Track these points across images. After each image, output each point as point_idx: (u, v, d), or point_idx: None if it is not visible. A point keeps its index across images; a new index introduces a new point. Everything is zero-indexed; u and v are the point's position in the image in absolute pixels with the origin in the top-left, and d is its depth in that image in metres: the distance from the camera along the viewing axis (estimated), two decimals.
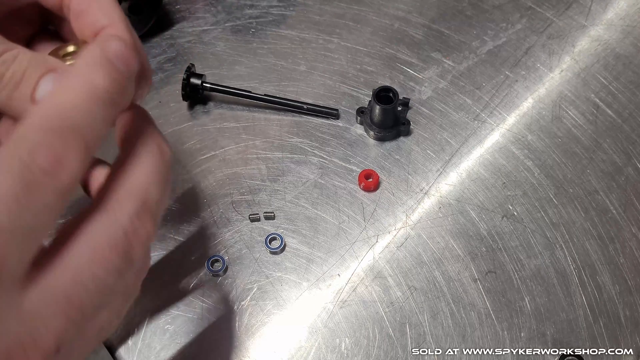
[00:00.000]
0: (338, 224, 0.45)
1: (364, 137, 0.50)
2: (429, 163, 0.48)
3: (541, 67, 0.55)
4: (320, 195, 0.46)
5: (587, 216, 0.45)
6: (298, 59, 0.56)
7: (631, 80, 0.54)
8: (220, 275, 0.42)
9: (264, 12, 0.60)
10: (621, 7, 0.60)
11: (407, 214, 0.45)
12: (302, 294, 0.42)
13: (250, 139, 0.50)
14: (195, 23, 0.59)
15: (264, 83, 0.54)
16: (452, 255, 0.43)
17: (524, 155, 0.49)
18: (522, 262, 0.43)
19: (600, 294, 0.42)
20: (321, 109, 0.51)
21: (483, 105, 0.52)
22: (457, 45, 0.57)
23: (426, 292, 0.42)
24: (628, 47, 0.57)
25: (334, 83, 0.54)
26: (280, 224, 0.45)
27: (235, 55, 0.56)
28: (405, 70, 0.55)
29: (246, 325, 0.40)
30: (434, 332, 0.40)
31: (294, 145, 0.50)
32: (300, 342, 0.40)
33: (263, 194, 0.47)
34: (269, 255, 0.43)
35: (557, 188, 0.47)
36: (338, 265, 0.43)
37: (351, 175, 0.48)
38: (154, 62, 0.56)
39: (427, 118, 0.51)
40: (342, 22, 0.59)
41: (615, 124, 0.51)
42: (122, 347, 0.39)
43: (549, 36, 0.58)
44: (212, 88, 0.51)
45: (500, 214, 0.45)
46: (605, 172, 0.48)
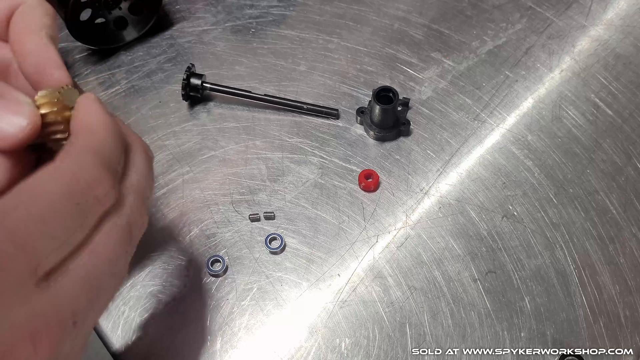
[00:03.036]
0: (338, 224, 0.45)
1: (364, 137, 0.50)
2: (429, 163, 0.48)
3: (541, 67, 0.55)
4: (320, 195, 0.46)
5: (587, 216, 0.45)
6: (298, 59, 0.56)
7: (631, 80, 0.54)
8: (220, 275, 0.42)
9: (264, 12, 0.60)
10: (621, 7, 0.60)
11: (407, 214, 0.45)
12: (302, 294, 0.42)
13: (250, 139, 0.50)
14: (195, 23, 0.59)
15: (264, 83, 0.54)
16: (452, 255, 0.43)
17: (524, 155, 0.49)
18: (522, 262, 0.43)
19: (600, 294, 0.42)
20: (321, 109, 0.51)
21: (483, 105, 0.52)
22: (457, 45, 0.57)
23: (426, 292, 0.42)
24: (628, 47, 0.57)
25: (334, 83, 0.54)
26: (280, 224, 0.45)
27: (235, 55, 0.56)
28: (405, 70, 0.55)
29: (246, 325, 0.40)
30: (434, 332, 0.40)
31: (294, 145, 0.50)
32: (300, 342, 0.40)
33: (263, 194, 0.47)
34: (269, 255, 0.43)
35: (557, 188, 0.47)
36: (338, 265, 0.43)
37: (351, 175, 0.48)
38: (154, 62, 0.56)
39: (427, 118, 0.51)
40: (342, 22, 0.59)
41: (615, 124, 0.51)
42: (122, 347, 0.39)
43: (549, 36, 0.58)
44: (212, 88, 0.51)
45: (500, 214, 0.45)
46: (605, 172, 0.48)
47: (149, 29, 0.57)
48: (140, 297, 0.41)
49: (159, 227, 0.45)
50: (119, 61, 0.56)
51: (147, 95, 0.53)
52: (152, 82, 0.54)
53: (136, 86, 0.54)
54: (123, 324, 0.40)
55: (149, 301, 0.41)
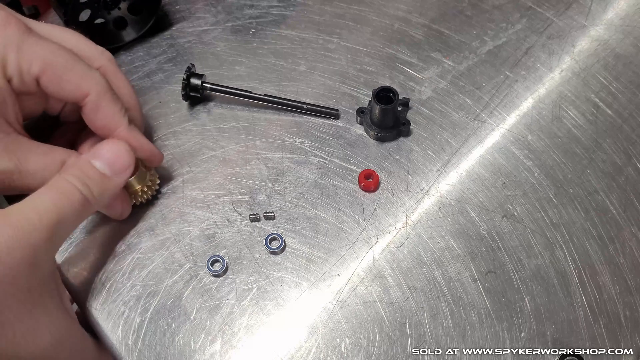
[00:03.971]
0: (338, 224, 0.45)
1: (364, 137, 0.50)
2: (429, 163, 0.48)
3: (541, 67, 0.55)
4: (320, 195, 0.46)
5: (587, 216, 0.45)
6: (298, 59, 0.56)
7: (631, 80, 0.54)
8: (220, 275, 0.42)
9: (264, 12, 0.60)
10: (621, 7, 0.60)
11: (407, 214, 0.45)
12: (302, 294, 0.42)
13: (250, 139, 0.50)
14: (195, 23, 0.59)
15: (264, 83, 0.54)
16: (452, 255, 0.43)
17: (524, 155, 0.49)
18: (522, 262, 0.43)
19: (600, 294, 0.42)
20: (321, 109, 0.51)
21: (483, 105, 0.52)
22: (457, 45, 0.57)
23: (426, 292, 0.42)
24: (628, 47, 0.57)
25: (334, 83, 0.54)
26: (280, 224, 0.45)
27: (235, 55, 0.56)
28: (405, 70, 0.55)
29: (246, 326, 0.40)
30: (434, 332, 0.40)
31: (294, 146, 0.50)
32: (300, 342, 0.40)
33: (263, 194, 0.47)
34: (269, 256, 0.43)
35: (557, 188, 0.47)
36: (338, 266, 0.43)
37: (351, 176, 0.48)
38: (154, 62, 0.56)
39: (427, 118, 0.51)
40: (342, 22, 0.59)
41: (615, 124, 0.51)
42: (122, 347, 0.39)
43: (549, 36, 0.58)
44: (212, 88, 0.51)
45: (500, 214, 0.45)
46: (605, 172, 0.48)
47: (148, 29, 0.57)
48: (140, 297, 0.41)
49: (159, 227, 0.45)
50: (118, 61, 0.56)
51: (147, 96, 0.53)
52: (152, 82, 0.54)
53: (136, 86, 0.54)
54: (123, 324, 0.40)
55: (149, 301, 0.41)
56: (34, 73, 0.37)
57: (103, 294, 0.41)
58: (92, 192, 0.37)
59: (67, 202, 0.35)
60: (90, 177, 0.37)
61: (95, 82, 0.39)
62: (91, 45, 0.42)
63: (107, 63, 0.43)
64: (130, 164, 0.40)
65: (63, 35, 0.41)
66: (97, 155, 0.39)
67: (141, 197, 0.44)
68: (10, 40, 0.36)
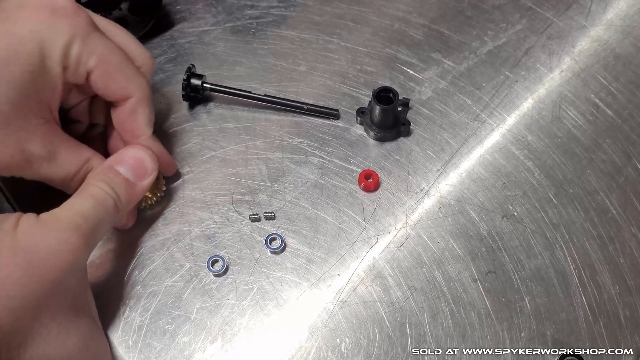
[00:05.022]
0: (338, 224, 0.45)
1: (364, 138, 0.50)
2: (429, 163, 0.49)
3: (541, 68, 0.55)
4: (320, 195, 0.47)
5: (587, 216, 0.45)
6: (298, 59, 0.56)
7: (631, 80, 0.54)
8: (220, 275, 0.42)
9: (264, 12, 0.60)
10: (621, 7, 0.60)
11: (407, 214, 0.46)
12: (302, 294, 0.42)
13: (250, 139, 0.50)
14: (196, 23, 0.59)
15: (264, 83, 0.54)
16: (452, 256, 0.43)
17: (524, 156, 0.49)
18: (522, 262, 0.43)
19: (600, 294, 0.42)
20: (321, 109, 0.51)
21: (483, 105, 0.52)
22: (457, 45, 0.57)
23: (426, 292, 0.42)
24: (628, 47, 0.57)
25: (334, 83, 0.54)
26: (280, 224, 0.45)
27: (235, 55, 0.56)
28: (405, 70, 0.55)
29: (246, 326, 0.40)
30: (434, 332, 0.40)
31: (294, 146, 0.50)
32: (300, 342, 0.40)
33: (263, 194, 0.47)
34: (269, 256, 0.43)
35: (557, 188, 0.47)
36: (338, 266, 0.43)
37: (351, 176, 0.48)
38: None
39: (427, 118, 0.51)
40: (342, 23, 0.59)
41: (615, 124, 0.51)
42: (122, 347, 0.39)
43: (549, 36, 0.58)
44: (213, 88, 0.51)
45: (500, 214, 0.45)
46: (605, 172, 0.48)
47: (149, 29, 0.57)
48: (140, 297, 0.41)
49: (159, 227, 0.45)
50: None
51: None
52: (153, 83, 0.54)
53: None
54: (123, 324, 0.40)
55: (149, 301, 0.41)
56: (89, 67, 0.37)
57: (103, 295, 0.41)
58: (120, 198, 0.37)
59: (103, 209, 0.36)
60: (116, 183, 0.38)
61: (140, 87, 0.40)
62: (140, 47, 0.43)
63: (148, 68, 0.43)
64: (154, 170, 0.41)
65: (116, 31, 0.41)
66: (120, 161, 0.39)
67: (145, 202, 0.44)
68: (78, 31, 0.36)
